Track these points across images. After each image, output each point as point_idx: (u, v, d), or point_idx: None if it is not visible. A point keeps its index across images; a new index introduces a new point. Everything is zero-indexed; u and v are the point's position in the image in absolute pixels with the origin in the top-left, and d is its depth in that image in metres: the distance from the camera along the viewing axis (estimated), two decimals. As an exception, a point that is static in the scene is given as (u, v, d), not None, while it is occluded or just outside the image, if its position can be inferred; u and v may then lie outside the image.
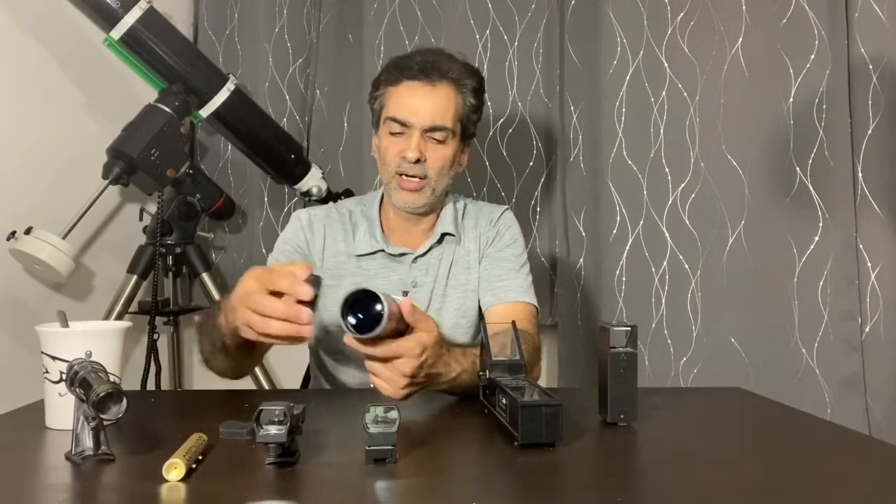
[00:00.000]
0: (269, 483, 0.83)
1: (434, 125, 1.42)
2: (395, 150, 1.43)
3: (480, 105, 1.50)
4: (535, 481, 0.84)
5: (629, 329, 1.06)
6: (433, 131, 1.42)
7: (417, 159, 1.41)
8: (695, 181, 1.89)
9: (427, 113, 1.41)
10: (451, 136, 1.44)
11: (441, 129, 1.42)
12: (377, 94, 1.47)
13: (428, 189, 1.44)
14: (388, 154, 1.44)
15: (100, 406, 0.84)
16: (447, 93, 1.43)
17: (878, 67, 1.72)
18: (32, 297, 2.03)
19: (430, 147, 1.43)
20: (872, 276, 1.74)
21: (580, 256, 2.05)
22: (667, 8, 1.90)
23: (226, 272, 2.35)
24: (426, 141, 1.42)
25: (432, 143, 1.43)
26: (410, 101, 1.42)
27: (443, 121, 1.42)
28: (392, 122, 1.43)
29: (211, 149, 2.34)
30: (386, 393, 1.09)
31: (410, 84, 1.43)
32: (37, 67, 2.05)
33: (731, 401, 1.29)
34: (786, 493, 0.82)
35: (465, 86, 1.45)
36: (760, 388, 1.44)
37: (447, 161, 1.45)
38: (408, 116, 1.42)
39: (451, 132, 1.44)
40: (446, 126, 1.43)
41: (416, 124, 1.41)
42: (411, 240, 1.51)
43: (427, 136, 1.42)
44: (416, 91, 1.42)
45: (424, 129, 1.42)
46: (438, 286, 1.50)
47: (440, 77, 1.43)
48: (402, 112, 1.42)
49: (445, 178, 1.46)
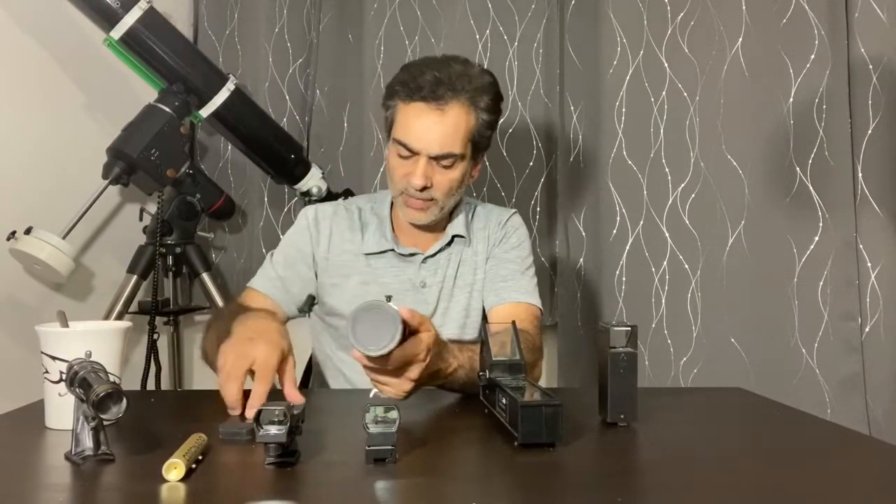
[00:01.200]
0: (269, 483, 0.83)
1: (442, 154, 1.38)
2: (402, 173, 1.40)
3: (496, 119, 1.45)
4: (535, 481, 0.84)
5: (629, 329, 1.06)
6: (441, 159, 1.39)
7: (424, 186, 1.38)
8: (695, 181, 1.89)
9: (434, 141, 1.37)
10: (460, 160, 1.40)
11: (449, 156, 1.38)
12: (390, 104, 1.42)
13: (435, 208, 1.43)
14: (395, 174, 1.42)
15: (100, 406, 0.84)
16: (457, 115, 1.37)
17: (878, 67, 1.72)
18: (32, 297, 2.03)
19: (438, 171, 1.39)
20: (872, 276, 1.74)
21: (580, 256, 2.05)
22: (667, 8, 1.90)
23: (226, 272, 2.35)
24: (433, 166, 1.39)
25: (439, 168, 1.39)
26: (418, 127, 1.37)
27: (451, 148, 1.38)
28: (399, 146, 1.39)
29: (211, 149, 2.34)
30: (389, 395, 1.09)
31: (419, 106, 1.37)
32: (37, 67, 2.04)
33: (731, 401, 1.29)
34: (786, 493, 0.82)
35: (479, 103, 1.40)
36: (760, 388, 1.44)
37: (455, 183, 1.42)
38: (414, 143, 1.37)
39: (460, 157, 1.40)
40: (454, 153, 1.38)
41: (422, 151, 1.37)
42: (421, 240, 1.51)
43: (433, 161, 1.39)
44: (425, 116, 1.37)
45: (431, 156, 1.38)
46: (446, 286, 1.50)
47: (453, 96, 1.37)
48: (409, 138, 1.37)
49: (454, 197, 1.45)
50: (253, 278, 1.52)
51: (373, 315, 1.00)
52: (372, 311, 1.00)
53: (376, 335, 1.00)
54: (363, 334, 1.00)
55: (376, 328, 1.00)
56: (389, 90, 1.43)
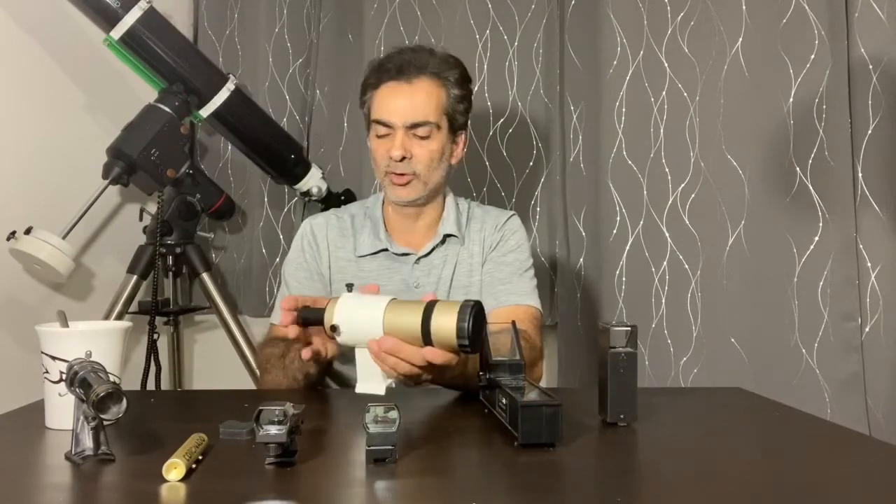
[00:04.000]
0: (269, 483, 0.83)
1: (415, 121, 1.43)
2: (383, 151, 1.45)
3: (467, 94, 1.51)
4: (535, 481, 0.84)
5: (629, 329, 1.06)
6: (415, 127, 1.44)
7: (403, 157, 1.43)
8: (695, 181, 1.89)
9: (407, 111, 1.43)
10: (437, 130, 1.46)
11: (423, 124, 1.44)
12: (364, 99, 1.50)
13: (419, 183, 1.46)
14: (377, 155, 1.47)
15: (100, 406, 0.84)
16: (427, 88, 1.45)
17: (878, 67, 1.72)
18: (32, 297, 2.03)
19: (416, 143, 1.45)
20: (872, 276, 1.74)
21: (580, 256, 2.05)
22: (667, 8, 1.90)
23: (226, 272, 2.35)
24: (410, 138, 1.44)
25: (417, 140, 1.44)
26: (390, 103, 1.44)
27: (424, 116, 1.44)
28: (377, 125, 1.46)
29: (211, 149, 2.34)
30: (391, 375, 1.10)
31: (389, 85, 1.45)
32: (37, 67, 2.04)
33: (731, 401, 1.29)
34: (786, 492, 0.82)
35: (447, 77, 1.47)
36: (760, 388, 1.44)
37: (434, 154, 1.46)
38: (389, 117, 1.44)
39: (436, 126, 1.45)
40: (428, 121, 1.44)
41: (397, 123, 1.44)
42: (414, 240, 1.52)
43: (411, 133, 1.44)
44: (395, 91, 1.44)
45: (406, 126, 1.43)
46: (441, 288, 1.50)
47: (418, 73, 1.44)
48: (383, 114, 1.45)
49: (437, 172, 1.48)
50: (273, 314, 1.52)
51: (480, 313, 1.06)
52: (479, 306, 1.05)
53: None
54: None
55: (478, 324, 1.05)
56: (363, 88, 1.51)
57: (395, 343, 1.05)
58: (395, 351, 1.05)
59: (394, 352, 1.05)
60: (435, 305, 1.05)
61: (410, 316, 1.05)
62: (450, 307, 1.04)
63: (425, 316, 1.04)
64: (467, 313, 1.02)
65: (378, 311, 1.07)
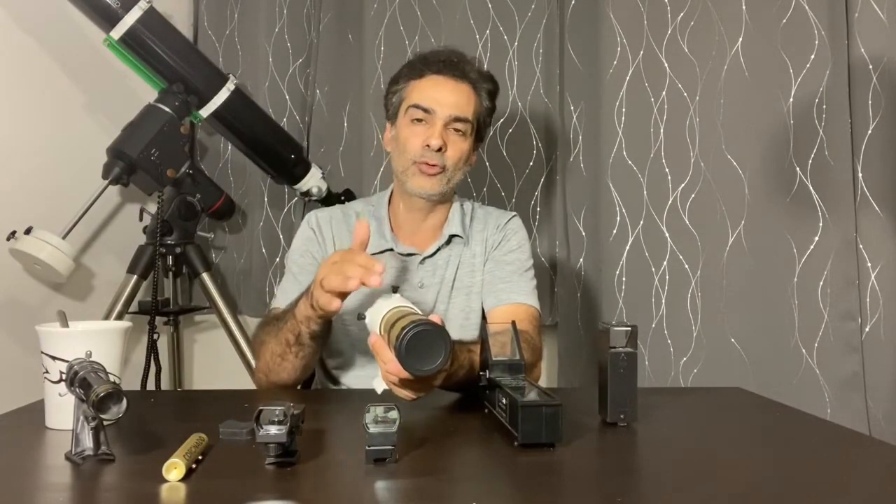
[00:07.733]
0: (269, 483, 0.84)
1: (458, 115, 1.45)
2: (418, 139, 1.44)
3: (493, 109, 1.55)
4: (535, 481, 0.84)
5: (629, 329, 1.06)
6: (456, 122, 1.45)
7: (440, 147, 1.43)
8: (695, 181, 1.89)
9: (451, 103, 1.45)
10: (471, 131, 1.48)
11: (464, 120, 1.46)
12: (397, 88, 1.50)
13: (444, 177, 1.46)
14: (410, 143, 1.46)
15: (100, 406, 0.84)
16: (468, 90, 1.48)
17: (878, 67, 1.72)
18: (32, 297, 2.03)
19: (451, 138, 1.46)
20: (872, 276, 1.74)
21: (580, 256, 2.05)
22: (667, 8, 1.90)
23: (226, 272, 2.35)
24: (448, 132, 1.45)
25: (453, 135, 1.46)
26: (437, 92, 1.45)
27: (465, 113, 1.46)
28: (415, 109, 1.45)
29: (211, 149, 2.34)
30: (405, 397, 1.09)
31: (435, 77, 1.47)
32: (37, 67, 2.04)
33: (731, 401, 1.30)
34: (786, 493, 0.82)
35: (482, 89, 1.50)
36: (760, 388, 1.44)
37: (463, 154, 1.48)
38: (432, 105, 1.44)
39: (472, 126, 1.48)
40: (468, 118, 1.46)
41: (439, 113, 1.44)
42: (419, 240, 1.52)
43: (449, 127, 1.45)
44: (441, 84, 1.46)
45: (448, 118, 1.44)
46: (444, 288, 1.50)
47: (463, 75, 1.48)
48: (426, 101, 1.45)
49: (459, 172, 1.49)
50: (273, 300, 1.51)
51: (421, 335, 0.96)
52: (420, 328, 0.96)
53: (423, 354, 0.96)
54: (410, 355, 0.96)
55: (427, 347, 0.96)
56: (395, 78, 1.52)
57: (378, 341, 1.06)
58: (376, 350, 1.06)
59: (375, 351, 1.06)
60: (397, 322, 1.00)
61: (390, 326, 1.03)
62: (398, 329, 0.98)
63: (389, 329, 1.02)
64: (404, 336, 0.95)
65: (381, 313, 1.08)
